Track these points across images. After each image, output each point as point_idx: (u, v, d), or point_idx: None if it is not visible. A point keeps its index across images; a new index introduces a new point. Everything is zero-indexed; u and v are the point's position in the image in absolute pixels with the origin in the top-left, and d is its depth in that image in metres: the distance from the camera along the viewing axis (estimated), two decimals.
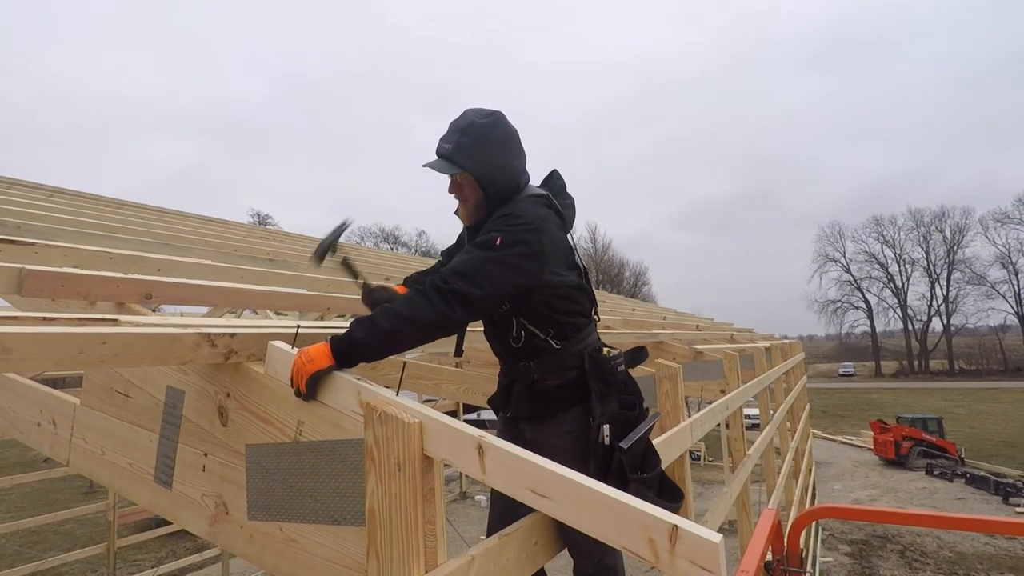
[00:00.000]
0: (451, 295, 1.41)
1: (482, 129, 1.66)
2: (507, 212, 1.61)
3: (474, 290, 1.44)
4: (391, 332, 1.35)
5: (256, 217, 46.01)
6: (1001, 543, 10.86)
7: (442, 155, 1.65)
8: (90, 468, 1.70)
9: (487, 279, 1.47)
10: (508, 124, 1.73)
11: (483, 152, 1.65)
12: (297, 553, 1.19)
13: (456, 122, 1.68)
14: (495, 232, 1.53)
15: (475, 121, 1.66)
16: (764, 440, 5.19)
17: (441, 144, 1.66)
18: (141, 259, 2.18)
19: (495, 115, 1.71)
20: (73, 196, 5.57)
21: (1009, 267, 53.09)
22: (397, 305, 1.39)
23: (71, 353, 1.01)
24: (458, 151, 1.63)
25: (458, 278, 1.44)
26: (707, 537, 0.82)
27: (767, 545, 1.40)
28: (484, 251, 1.50)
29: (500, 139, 1.70)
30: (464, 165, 1.63)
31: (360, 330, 1.31)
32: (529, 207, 1.66)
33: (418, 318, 1.38)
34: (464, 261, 1.48)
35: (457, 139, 1.64)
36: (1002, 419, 26.31)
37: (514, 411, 1.75)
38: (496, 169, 1.67)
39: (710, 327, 9.04)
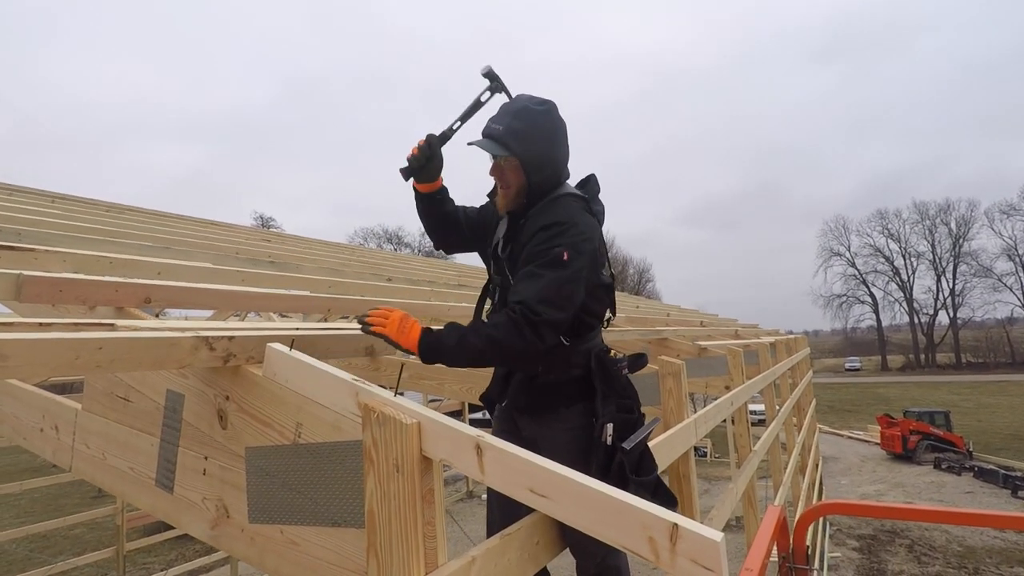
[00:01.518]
0: (543, 326, 1.44)
1: (535, 116, 1.63)
2: (560, 220, 1.59)
3: (561, 314, 1.48)
4: (480, 352, 1.40)
5: (259, 220, 46.16)
6: (1011, 537, 10.79)
7: (491, 135, 1.61)
8: (92, 473, 1.70)
9: (568, 299, 1.51)
10: (559, 116, 1.71)
11: (533, 140, 1.62)
12: (298, 556, 1.18)
13: (509, 105, 1.66)
14: (558, 246, 1.53)
15: (529, 107, 1.63)
16: (770, 436, 5.17)
17: (491, 124, 1.63)
18: (140, 263, 2.18)
19: (549, 104, 1.68)
20: (74, 201, 5.59)
21: (1016, 259, 52.84)
22: (491, 328, 1.43)
23: (67, 359, 1.01)
24: (509, 134, 1.59)
25: (546, 306, 1.45)
26: (708, 536, 0.81)
27: (772, 542, 1.39)
28: (558, 270, 1.50)
29: (552, 129, 1.67)
30: (514, 149, 1.60)
31: (451, 338, 1.36)
32: (576, 213, 1.65)
33: (510, 347, 1.42)
34: (545, 286, 1.48)
35: (509, 122, 1.60)
36: (1010, 412, 26.17)
37: (511, 402, 1.74)
38: (544, 159, 1.65)
39: (714, 323, 9.01)
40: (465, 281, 5.66)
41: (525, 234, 1.63)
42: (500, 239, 1.74)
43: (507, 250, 1.69)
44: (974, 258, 54.88)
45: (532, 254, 1.56)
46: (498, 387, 1.81)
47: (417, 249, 52.11)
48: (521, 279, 1.53)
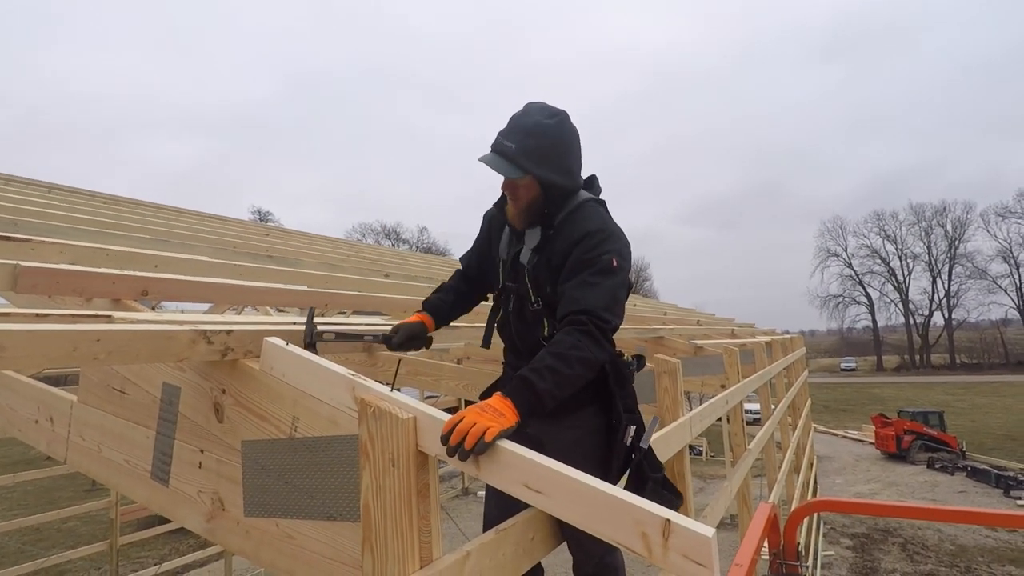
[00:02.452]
0: (611, 333, 1.46)
1: (548, 131, 1.59)
2: (601, 228, 1.58)
3: (619, 321, 1.49)
4: (575, 377, 1.36)
5: (257, 214, 46.06)
6: (1002, 536, 10.88)
7: (503, 154, 1.56)
8: (87, 465, 1.70)
9: (621, 306, 1.53)
10: (572, 125, 1.67)
11: (548, 157, 1.58)
12: (293, 549, 1.19)
13: (520, 119, 1.60)
14: (607, 253, 1.53)
15: (541, 122, 1.58)
16: (765, 434, 5.19)
17: (502, 141, 1.58)
18: (138, 255, 2.18)
19: (560, 115, 1.63)
20: (71, 193, 5.56)
21: (1011, 261, 53.11)
22: (573, 349, 1.37)
23: (65, 351, 1.01)
24: (523, 154, 1.55)
25: (610, 314, 1.46)
26: (700, 531, 0.82)
27: (763, 538, 1.40)
28: (611, 277, 1.51)
29: (566, 142, 1.63)
30: (529, 169, 1.56)
31: (544, 381, 1.29)
32: (608, 220, 1.65)
33: (594, 359, 1.41)
34: (604, 294, 1.48)
35: (522, 140, 1.55)
36: (1003, 413, 26.33)
37: None
38: (560, 173, 1.61)
39: (711, 322, 9.03)
40: None
41: (559, 243, 1.61)
42: (522, 248, 1.70)
43: (534, 259, 1.66)
44: (969, 260, 55.19)
45: (581, 262, 1.54)
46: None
47: (415, 245, 52.08)
48: (576, 288, 1.50)
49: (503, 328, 1.81)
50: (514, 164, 1.55)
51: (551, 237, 1.64)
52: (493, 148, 1.59)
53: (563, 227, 1.62)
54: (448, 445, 1.02)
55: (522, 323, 1.72)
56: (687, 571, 0.81)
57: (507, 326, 1.78)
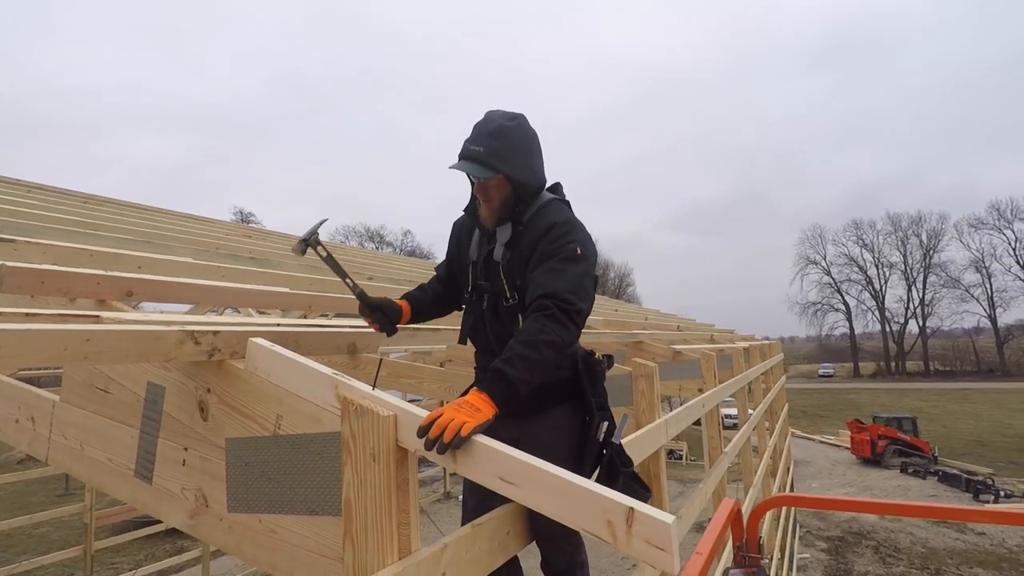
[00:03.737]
0: (576, 315, 1.50)
1: (511, 132, 1.70)
2: (565, 220, 1.68)
3: (585, 305, 1.54)
4: (544, 361, 1.41)
5: (239, 215, 45.53)
6: (971, 539, 11.16)
7: (473, 158, 1.66)
8: (69, 464, 1.71)
9: (588, 292, 1.57)
10: (531, 126, 1.78)
11: (514, 155, 1.69)
12: (276, 543, 1.22)
13: (483, 125, 1.70)
14: (571, 242, 1.61)
15: (504, 124, 1.69)
16: (741, 438, 5.29)
17: (469, 147, 1.68)
18: (121, 256, 2.19)
19: (520, 117, 1.75)
20: (51, 192, 5.50)
21: (983, 271, 54.51)
22: (540, 334, 1.42)
23: (55, 350, 1.04)
24: (492, 155, 1.65)
25: (575, 297, 1.51)
26: (661, 518, 0.88)
27: (724, 530, 1.47)
28: (576, 264, 1.58)
29: (528, 142, 1.74)
30: (499, 168, 1.66)
31: (515, 369, 1.34)
32: (572, 215, 1.75)
33: (561, 342, 1.45)
34: (570, 279, 1.54)
35: (487, 142, 1.66)
36: (974, 419, 26.97)
37: None
38: (526, 170, 1.72)
39: (691, 328, 9.17)
40: None
41: (528, 237, 1.70)
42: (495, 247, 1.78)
43: (507, 255, 1.74)
44: (943, 269, 56.55)
45: (546, 252, 1.62)
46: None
47: (399, 248, 51.84)
48: (542, 275, 1.58)
49: (476, 331, 1.85)
50: (484, 165, 1.65)
51: (521, 232, 1.73)
52: (462, 155, 1.68)
53: (532, 221, 1.72)
54: (427, 438, 1.06)
55: (497, 321, 1.78)
56: (649, 556, 0.87)
57: (481, 327, 1.82)
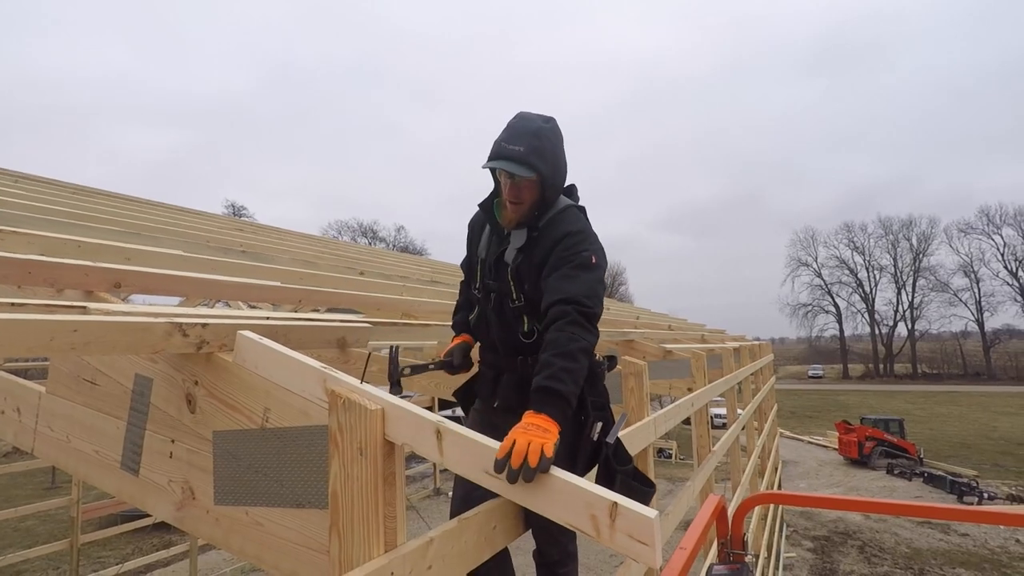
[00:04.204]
0: (595, 319, 1.55)
1: (549, 134, 1.71)
2: (581, 229, 1.71)
3: (599, 310, 1.58)
4: (582, 368, 1.46)
5: (231, 208, 45.22)
6: (955, 539, 11.30)
7: (513, 158, 1.65)
8: (55, 456, 1.70)
9: (600, 299, 1.61)
10: (559, 129, 1.78)
11: (552, 156, 1.70)
12: (262, 536, 1.22)
13: (521, 124, 1.70)
14: (585, 251, 1.65)
15: (542, 126, 1.70)
16: (730, 438, 5.33)
17: (507, 146, 1.66)
18: (110, 248, 2.18)
19: (553, 120, 1.76)
20: (39, 182, 5.44)
21: (971, 276, 55.12)
22: (569, 343, 1.46)
23: (42, 340, 1.04)
24: (534, 154, 1.65)
25: (591, 302, 1.56)
26: (644, 513, 0.89)
27: (709, 526, 1.49)
28: (590, 272, 1.62)
29: (560, 145, 1.76)
30: (540, 168, 1.66)
31: (564, 383, 1.38)
32: (587, 224, 1.77)
33: (590, 346, 1.51)
34: (584, 284, 1.58)
35: (529, 142, 1.65)
36: (960, 421, 27.29)
37: (502, 402, 1.81)
38: (559, 174, 1.74)
39: (682, 327, 9.21)
40: (438, 277, 5.70)
41: (543, 244, 1.71)
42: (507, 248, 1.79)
43: (518, 258, 1.75)
44: (932, 273, 57.17)
45: (561, 259, 1.64)
46: (488, 387, 1.87)
47: (392, 244, 51.72)
48: (558, 280, 1.61)
49: (480, 326, 1.88)
50: (524, 165, 1.65)
51: (536, 238, 1.74)
52: (500, 155, 1.67)
53: (547, 229, 1.73)
54: (509, 469, 1.04)
55: (502, 320, 1.80)
56: (632, 549, 0.88)
57: (485, 324, 1.85)
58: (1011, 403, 33.46)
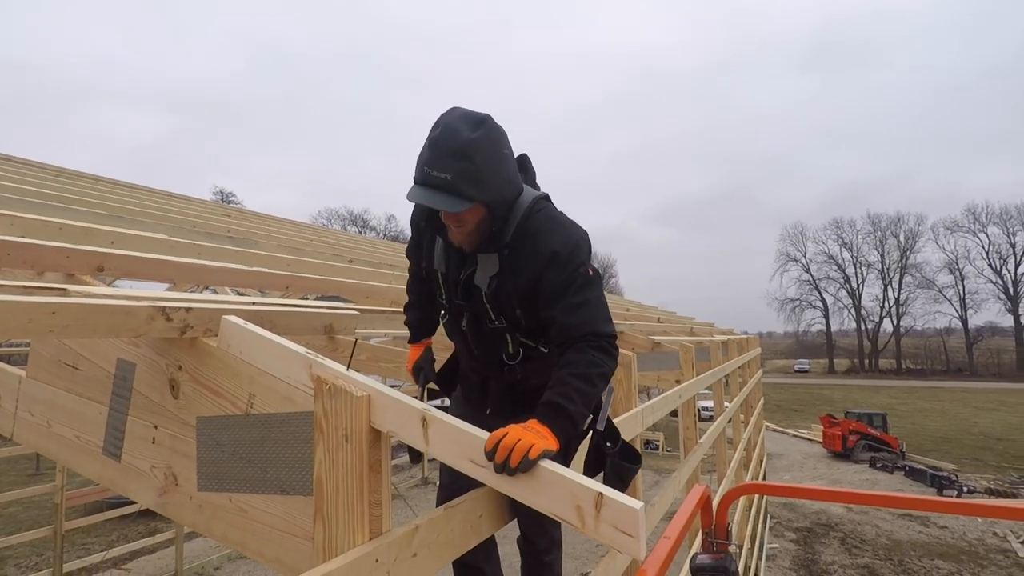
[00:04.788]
0: (615, 339, 1.47)
1: (480, 147, 1.37)
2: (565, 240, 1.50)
3: (615, 329, 1.49)
4: (598, 393, 1.39)
5: (219, 194, 44.74)
6: (933, 531, 11.52)
7: (439, 187, 1.36)
8: (35, 441, 1.68)
9: (608, 310, 1.52)
10: (498, 128, 1.46)
11: (488, 174, 1.39)
12: (246, 522, 1.21)
13: (444, 141, 1.36)
14: (581, 265, 1.48)
15: (469, 139, 1.36)
16: (716, 430, 5.38)
17: (431, 172, 1.36)
18: (93, 231, 2.14)
19: (486, 122, 1.42)
20: (20, 164, 5.34)
21: (956, 273, 55.88)
22: (588, 367, 1.37)
23: (19, 322, 1.01)
24: (463, 181, 1.35)
25: (609, 325, 1.46)
26: (629, 504, 0.89)
27: (693, 516, 1.50)
28: (592, 289, 1.49)
29: (500, 152, 1.44)
30: (473, 197, 1.37)
31: (575, 404, 1.30)
32: (561, 220, 1.57)
33: (611, 372, 1.43)
34: (596, 309, 1.47)
35: (456, 166, 1.35)
36: (942, 416, 27.76)
37: (495, 409, 1.75)
38: (504, 187, 1.46)
39: (671, 320, 9.26)
40: None
41: (522, 263, 1.51)
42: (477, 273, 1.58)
43: (493, 284, 1.55)
44: (918, 270, 57.90)
45: (559, 283, 1.46)
46: (477, 392, 1.80)
47: (382, 233, 51.47)
48: (568, 313, 1.44)
49: (452, 334, 1.76)
50: (454, 196, 1.37)
51: (508, 258, 1.53)
52: (422, 181, 1.38)
53: (520, 243, 1.52)
54: (494, 461, 1.03)
55: (480, 339, 1.66)
56: (616, 540, 0.88)
57: (458, 335, 1.73)
58: (991, 399, 34.09)
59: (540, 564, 1.95)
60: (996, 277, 54.17)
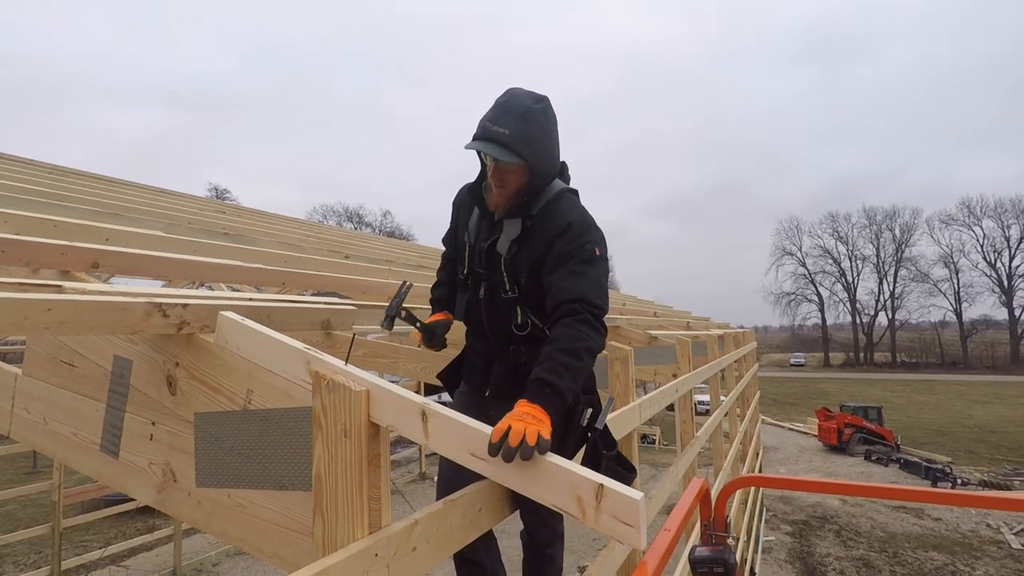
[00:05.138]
0: (603, 316, 1.50)
1: (538, 117, 1.58)
2: (581, 219, 1.61)
3: (607, 306, 1.53)
4: (585, 368, 1.42)
5: (214, 191, 44.53)
6: (928, 524, 11.60)
7: (496, 140, 1.54)
8: (32, 438, 1.67)
9: (607, 293, 1.57)
10: (553, 110, 1.66)
11: (538, 142, 1.58)
12: (245, 518, 1.21)
13: (508, 105, 1.57)
14: (589, 243, 1.57)
15: (531, 107, 1.57)
16: (712, 423, 5.40)
17: (492, 127, 1.55)
18: (88, 228, 2.13)
19: (545, 100, 1.63)
20: (13, 161, 5.31)
21: (951, 266, 56.10)
22: (575, 341, 1.41)
23: (14, 320, 1.01)
24: (517, 139, 1.53)
25: (601, 300, 1.51)
26: (629, 494, 0.89)
27: (692, 508, 1.50)
28: (595, 267, 1.55)
29: (551, 128, 1.64)
30: (524, 155, 1.55)
31: (562, 379, 1.33)
32: (584, 211, 1.68)
33: (597, 347, 1.46)
34: (593, 282, 1.52)
35: (515, 126, 1.54)
36: (936, 409, 27.93)
37: (494, 391, 1.78)
38: (548, 160, 1.63)
39: (668, 315, 9.28)
40: (425, 262, 5.67)
41: (540, 234, 1.63)
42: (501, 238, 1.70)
43: (513, 249, 1.67)
44: (913, 263, 58.08)
45: (565, 254, 1.56)
46: (478, 376, 1.84)
47: (378, 228, 51.35)
48: (564, 278, 1.53)
49: (469, 312, 1.83)
50: (508, 149, 1.54)
51: (531, 228, 1.65)
52: (483, 136, 1.56)
53: (543, 218, 1.64)
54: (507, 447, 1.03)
55: (493, 310, 1.74)
56: (617, 531, 0.89)
57: (475, 311, 1.80)
58: (986, 392, 34.30)
59: (542, 557, 1.96)
60: (990, 270, 54.47)
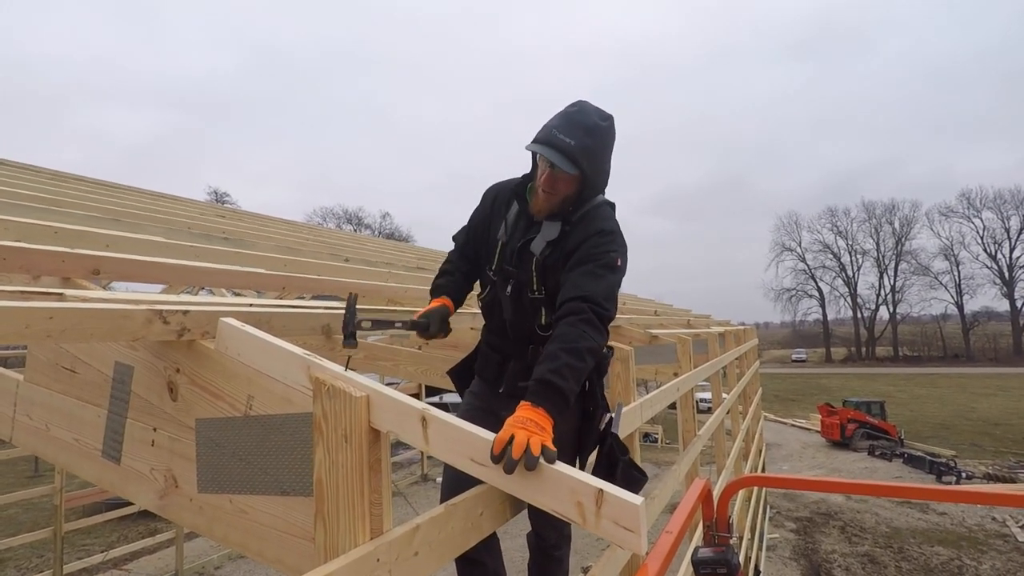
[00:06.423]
0: (608, 320, 1.52)
1: (603, 134, 1.66)
2: (612, 229, 1.68)
3: (615, 312, 1.56)
4: (587, 367, 1.43)
5: (213, 195, 44.55)
6: (933, 519, 11.60)
7: (561, 148, 1.59)
8: (34, 444, 1.67)
9: (616, 302, 1.60)
10: (615, 130, 1.73)
11: (599, 159, 1.66)
12: (247, 523, 1.22)
13: (577, 117, 1.64)
14: (613, 251, 1.62)
15: (598, 124, 1.65)
16: (715, 422, 5.40)
17: (559, 136, 1.61)
18: (87, 234, 2.13)
19: (611, 119, 1.70)
20: (12, 167, 5.31)
21: (951, 259, 56.05)
22: (578, 341, 1.42)
23: (17, 327, 1.01)
24: (580, 152, 1.60)
25: (610, 303, 1.54)
26: (629, 500, 0.89)
27: (695, 509, 1.51)
28: (612, 273, 1.60)
29: (610, 146, 1.71)
30: (583, 167, 1.61)
31: (566, 380, 1.34)
32: (616, 223, 1.73)
33: (599, 347, 1.48)
34: (606, 286, 1.56)
35: (581, 138, 1.61)
36: (939, 403, 27.89)
37: (508, 389, 1.80)
38: (602, 176, 1.71)
39: (668, 313, 9.28)
40: (424, 264, 5.67)
41: (574, 238, 1.68)
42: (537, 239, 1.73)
43: (547, 251, 1.71)
44: (914, 257, 58.05)
45: (588, 255, 1.61)
46: (493, 371, 1.86)
47: (377, 231, 51.35)
48: (580, 276, 1.57)
49: (491, 308, 1.84)
50: (570, 160, 1.60)
51: (567, 232, 1.70)
52: (546, 141, 1.62)
53: (579, 224, 1.70)
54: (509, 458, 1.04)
55: (519, 309, 1.76)
56: (617, 536, 0.89)
57: (497, 307, 1.82)
58: (989, 384, 34.28)
59: (549, 559, 1.96)
60: (991, 262, 54.45)
